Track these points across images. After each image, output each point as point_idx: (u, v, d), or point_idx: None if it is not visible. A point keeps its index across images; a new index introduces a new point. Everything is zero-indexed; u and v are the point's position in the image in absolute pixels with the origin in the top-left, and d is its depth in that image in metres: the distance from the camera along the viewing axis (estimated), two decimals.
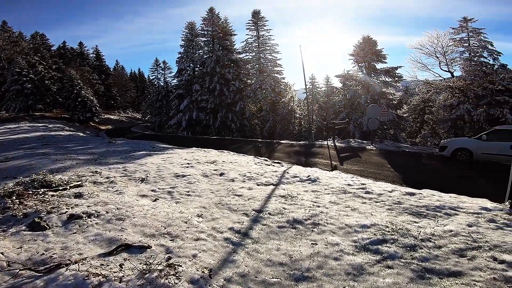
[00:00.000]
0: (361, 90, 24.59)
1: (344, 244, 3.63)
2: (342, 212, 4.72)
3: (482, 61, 23.03)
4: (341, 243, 3.65)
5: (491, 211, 4.69)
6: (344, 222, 4.25)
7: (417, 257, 3.26)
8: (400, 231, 3.88)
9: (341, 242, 3.66)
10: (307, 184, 6.67)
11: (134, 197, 5.51)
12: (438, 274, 2.97)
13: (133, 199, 5.37)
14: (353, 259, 3.29)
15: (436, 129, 25.31)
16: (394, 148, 15.49)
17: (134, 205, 4.88)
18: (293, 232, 4.05)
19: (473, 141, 11.78)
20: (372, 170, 10.19)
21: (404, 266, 3.13)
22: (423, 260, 3.22)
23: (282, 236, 3.94)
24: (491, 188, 7.67)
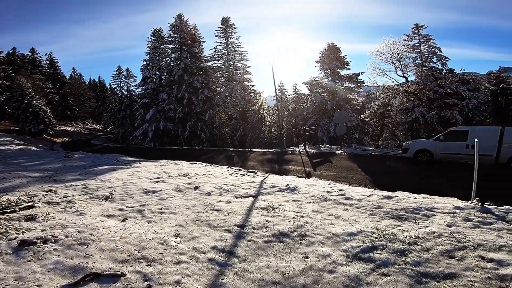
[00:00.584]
0: (328, 96, 25.52)
1: (336, 254, 3.53)
2: (327, 220, 4.65)
3: (432, 66, 25.16)
4: (332, 254, 3.54)
5: (464, 210, 4.94)
6: (331, 231, 4.17)
7: (410, 262, 3.26)
8: (387, 236, 3.89)
9: (332, 253, 3.55)
10: (286, 193, 6.55)
11: (99, 218, 4.95)
12: (434, 278, 2.97)
13: (97, 220, 4.81)
14: (348, 270, 3.18)
15: (395, 132, 27.05)
16: (361, 151, 16.12)
17: (99, 227, 4.36)
18: (281, 246, 3.86)
19: (433, 142, 12.64)
20: (344, 175, 10.44)
21: (399, 272, 3.09)
22: (416, 264, 3.21)
23: (270, 252, 3.73)
24: (454, 187, 8.16)
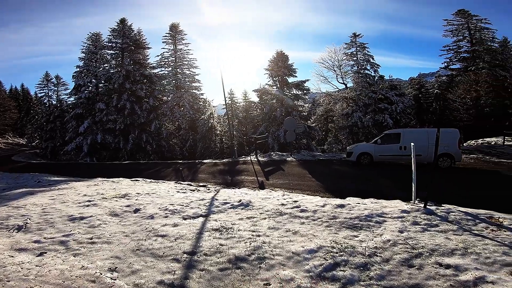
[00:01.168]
0: (276, 104, 26.10)
1: (299, 277, 3.24)
2: (285, 238, 4.39)
3: (366, 73, 27.70)
4: (295, 276, 3.25)
5: (410, 214, 5.16)
6: (290, 249, 3.90)
7: (374, 277, 3.14)
8: (347, 250, 3.76)
9: (295, 276, 3.26)
10: (240, 210, 6.16)
11: (7, 253, 3.94)
12: None
13: (5, 255, 3.83)
14: None
15: (338, 136, 28.97)
16: (310, 157, 16.67)
17: (6, 264, 3.48)
18: (239, 273, 3.44)
19: (372, 146, 13.63)
20: (296, 182, 10.53)
21: None
22: (380, 278, 3.11)
23: (227, 281, 3.29)
24: (395, 188, 8.75)
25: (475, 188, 9.08)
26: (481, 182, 10.04)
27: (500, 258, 3.35)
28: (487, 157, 15.88)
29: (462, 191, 8.56)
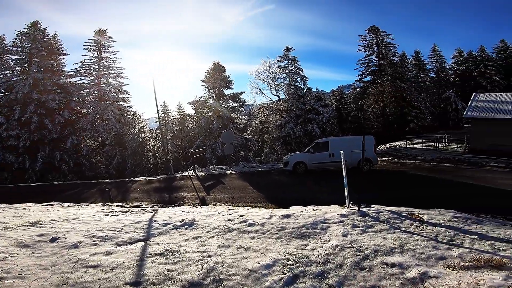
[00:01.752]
0: (213, 116, 25.81)
1: None
2: (238, 255, 4.21)
3: (297, 86, 29.80)
4: None
5: (348, 217, 5.60)
6: (246, 267, 3.74)
7: (333, 285, 3.21)
8: (302, 260, 3.80)
9: None
10: (184, 230, 5.72)
11: None
12: None
13: None
14: None
15: (274, 146, 30.21)
16: (249, 169, 16.86)
17: None
18: None
19: (305, 155, 14.60)
20: (238, 195, 10.48)
21: None
22: (339, 285, 3.20)
23: None
24: (329, 192, 9.49)
25: (391, 188, 10.52)
26: (395, 182, 11.72)
27: (432, 252, 3.86)
28: (395, 159, 18.71)
29: (382, 191, 9.79)
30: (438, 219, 5.48)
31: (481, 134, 19.22)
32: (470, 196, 9.04)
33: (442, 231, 4.75)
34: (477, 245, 4.13)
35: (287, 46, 29.80)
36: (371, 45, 40.98)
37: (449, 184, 10.96)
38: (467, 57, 44.55)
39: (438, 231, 4.75)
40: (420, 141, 26.25)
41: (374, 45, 40.62)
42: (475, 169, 14.56)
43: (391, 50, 40.09)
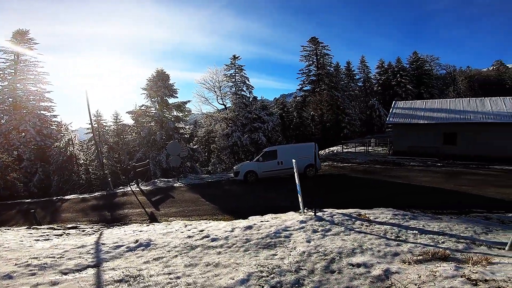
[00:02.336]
0: (156, 126, 24.39)
1: None
2: (208, 273, 4.05)
3: (243, 94, 30.06)
4: None
5: (307, 223, 5.89)
6: (221, 285, 3.62)
7: None
8: (275, 270, 3.86)
9: None
10: (141, 251, 5.27)
11: None
12: None
13: None
14: None
15: (221, 156, 29.96)
16: (199, 181, 16.39)
17: None
18: None
19: (255, 164, 14.86)
20: (191, 208, 10.11)
21: None
22: None
23: None
24: (283, 199, 9.79)
25: (337, 191, 11.39)
26: (338, 184, 12.73)
27: (387, 249, 4.31)
28: (335, 163, 20.37)
29: (330, 194, 10.53)
30: (382, 218, 6.14)
31: (401, 138, 22.27)
32: (401, 194, 10.36)
33: (388, 229, 5.34)
34: (420, 239, 4.77)
35: (234, 55, 30.04)
36: (311, 55, 43.91)
37: (383, 184, 12.39)
38: (387, 67, 51.28)
39: (385, 229, 5.33)
40: (353, 145, 29.14)
41: (314, 56, 43.61)
42: (399, 168, 16.73)
43: (328, 61, 43.48)
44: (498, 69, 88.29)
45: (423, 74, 51.34)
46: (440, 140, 20.63)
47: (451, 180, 12.65)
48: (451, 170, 15.43)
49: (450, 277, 3.07)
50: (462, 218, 6.39)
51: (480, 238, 4.75)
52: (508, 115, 18.95)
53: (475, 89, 62.03)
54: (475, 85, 64.45)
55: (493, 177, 13.15)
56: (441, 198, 9.42)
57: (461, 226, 5.49)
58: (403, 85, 47.68)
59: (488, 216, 6.73)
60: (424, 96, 46.18)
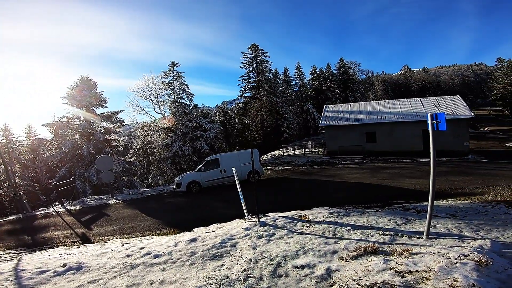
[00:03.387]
0: (82, 140, 21.84)
1: None
2: None
3: (182, 103, 28.98)
4: None
5: (252, 229, 5.99)
6: None
7: None
8: (224, 281, 3.83)
9: None
10: (72, 275, 4.70)
11: None
12: None
13: None
14: None
15: (161, 168, 28.39)
16: (137, 195, 15.27)
17: None
18: None
19: (198, 174, 14.55)
20: (130, 225, 9.40)
21: None
22: None
23: None
24: (227, 207, 9.82)
25: (279, 194, 11.88)
26: (280, 188, 13.28)
27: (326, 248, 4.64)
28: (276, 167, 21.22)
29: (272, 198, 10.93)
30: (320, 217, 6.63)
31: (332, 139, 24.45)
32: (335, 191, 11.34)
33: (326, 228, 5.79)
34: (353, 235, 5.28)
35: (173, 61, 28.88)
36: (251, 62, 44.99)
37: (320, 184, 13.37)
38: (319, 73, 55.89)
39: (323, 228, 5.76)
40: (293, 148, 30.83)
41: (254, 62, 44.78)
42: (333, 168, 18.31)
43: (267, 67, 45.14)
44: (405, 73, 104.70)
45: (348, 79, 57.44)
46: (363, 139, 23.27)
47: (375, 175, 14.36)
48: (374, 166, 17.52)
49: (381, 271, 3.48)
50: (385, 210, 7.30)
51: (401, 229, 5.50)
52: (414, 115, 22.43)
53: (388, 91, 71.69)
54: (388, 88, 74.63)
55: (406, 170, 15.37)
56: (368, 193, 10.60)
57: (385, 218, 6.28)
58: (332, 90, 52.51)
59: (406, 206, 7.83)
60: (349, 100, 51.70)
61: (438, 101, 23.65)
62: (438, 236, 4.93)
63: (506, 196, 8.73)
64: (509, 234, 5.04)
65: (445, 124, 4.86)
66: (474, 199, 8.51)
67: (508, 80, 53.57)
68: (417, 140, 21.53)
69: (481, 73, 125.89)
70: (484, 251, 3.60)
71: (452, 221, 5.91)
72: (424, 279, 3.11)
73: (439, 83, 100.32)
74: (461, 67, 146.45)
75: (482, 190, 9.83)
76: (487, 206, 7.44)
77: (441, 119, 4.91)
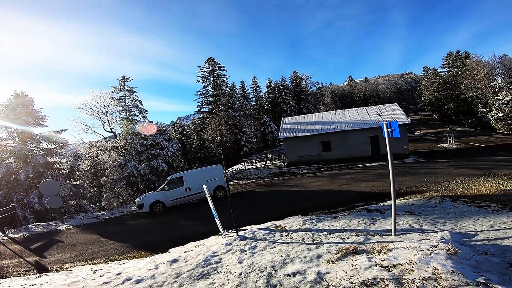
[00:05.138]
0: (18, 163, 19.27)
1: None
2: None
3: (135, 119, 27.35)
4: None
5: (233, 244, 5.96)
6: None
7: None
8: None
9: None
10: None
11: None
12: None
13: None
14: None
15: (115, 189, 26.32)
16: (93, 219, 14.02)
17: None
18: None
19: (161, 193, 13.94)
20: (92, 250, 8.73)
21: None
22: None
23: None
24: (198, 225, 9.63)
25: (249, 206, 11.94)
26: (249, 201, 13.36)
27: (310, 254, 4.83)
28: (240, 181, 21.27)
29: (242, 211, 10.92)
30: (296, 226, 6.87)
31: (291, 150, 25.44)
32: (302, 200, 11.81)
33: (304, 235, 6.03)
34: (331, 239, 5.59)
35: (124, 75, 27.30)
36: (208, 76, 44.67)
37: (286, 194, 13.78)
38: (274, 86, 58.01)
39: (302, 236, 5.99)
40: (254, 161, 31.21)
41: (211, 76, 44.53)
42: (295, 178, 19.00)
43: (224, 81, 45.17)
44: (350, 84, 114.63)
45: (301, 91, 60.70)
46: (320, 148, 24.69)
47: (334, 181, 15.31)
48: (332, 173, 18.66)
49: (368, 268, 3.78)
50: (352, 213, 7.86)
51: (371, 229, 6.00)
52: (362, 123, 24.57)
53: (337, 101, 77.27)
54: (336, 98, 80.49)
55: (360, 174, 16.69)
56: (332, 198, 11.26)
57: (355, 220, 6.77)
58: (287, 102, 54.87)
59: (368, 208, 8.52)
60: (303, 111, 54.51)
61: (380, 109, 26.33)
62: (404, 232, 5.50)
63: (448, 191, 10.06)
64: (461, 225, 5.85)
65: (399, 131, 5.50)
66: (422, 196, 9.62)
67: (433, 87, 62.07)
68: (366, 146, 23.58)
69: (411, 82, 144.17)
70: (449, 241, 4.16)
71: (411, 217, 6.64)
72: (409, 270, 3.49)
73: (378, 92, 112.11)
74: (394, 76, 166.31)
75: (427, 187, 11.16)
76: (435, 201, 8.49)
77: (395, 127, 5.55)
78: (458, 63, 53.39)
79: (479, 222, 5.97)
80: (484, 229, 5.49)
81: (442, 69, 61.12)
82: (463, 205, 7.75)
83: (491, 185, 10.23)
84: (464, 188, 10.21)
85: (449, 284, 3.01)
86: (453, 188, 10.42)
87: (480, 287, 2.96)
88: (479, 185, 10.43)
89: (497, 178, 11.57)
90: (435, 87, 61.20)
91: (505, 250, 4.05)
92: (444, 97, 56.57)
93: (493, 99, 38.42)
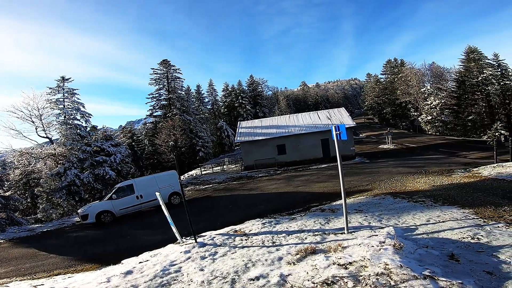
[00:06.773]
0: None
1: None
2: None
3: (76, 124, 24.62)
4: None
5: (192, 252, 5.81)
6: None
7: None
8: None
9: None
10: None
11: None
12: None
13: None
14: None
15: (54, 200, 23.56)
16: (27, 232, 12.60)
17: None
18: None
19: (109, 203, 12.97)
20: (30, 265, 7.92)
21: None
22: None
23: None
24: (153, 234, 9.15)
25: (207, 212, 11.71)
26: (206, 206, 13.09)
27: (271, 256, 4.94)
28: (197, 186, 20.77)
29: (200, 217, 10.69)
30: (255, 229, 6.96)
31: (248, 154, 25.68)
32: (260, 203, 11.97)
33: (264, 238, 6.14)
34: (290, 240, 5.78)
35: (63, 76, 24.44)
36: (162, 78, 42.55)
37: (244, 197, 13.84)
38: (231, 90, 57.92)
39: (261, 239, 6.09)
40: (210, 166, 30.74)
41: (165, 79, 42.50)
42: (252, 181, 19.19)
43: (179, 84, 43.48)
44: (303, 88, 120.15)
45: (258, 96, 61.64)
46: (275, 151, 25.36)
47: (290, 183, 15.85)
48: (287, 175, 19.29)
49: (327, 267, 4.00)
50: (308, 214, 8.23)
51: (326, 228, 6.36)
52: (313, 126, 25.86)
53: (291, 106, 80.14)
54: (291, 102, 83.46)
55: (314, 176, 17.56)
56: (288, 200, 11.65)
57: (311, 221, 7.11)
58: (244, 106, 55.26)
59: (322, 208, 9.00)
60: (259, 115, 55.46)
61: (329, 113, 28.06)
62: (355, 229, 5.95)
63: (389, 188, 11.13)
64: (403, 220, 6.53)
65: (346, 134, 5.95)
66: (368, 194, 10.50)
67: (375, 92, 68.39)
68: (318, 149, 24.91)
69: (356, 87, 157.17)
70: (394, 237, 4.63)
71: (360, 215, 7.20)
72: (363, 267, 3.78)
73: (328, 97, 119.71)
74: (342, 82, 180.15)
75: (371, 186, 12.22)
76: (379, 198, 9.34)
77: (342, 130, 6.00)
78: (395, 70, 59.60)
79: (417, 216, 6.69)
80: (422, 223, 6.18)
81: (382, 75, 67.84)
82: (403, 201, 8.65)
83: (424, 181, 11.59)
84: (402, 185, 11.40)
85: (400, 279, 3.34)
86: (393, 186, 11.57)
87: (427, 280, 3.29)
88: (414, 182, 11.73)
89: (429, 175, 13.17)
90: (376, 92, 67.54)
91: (443, 243, 4.63)
92: (384, 102, 62.67)
93: (423, 103, 43.83)
